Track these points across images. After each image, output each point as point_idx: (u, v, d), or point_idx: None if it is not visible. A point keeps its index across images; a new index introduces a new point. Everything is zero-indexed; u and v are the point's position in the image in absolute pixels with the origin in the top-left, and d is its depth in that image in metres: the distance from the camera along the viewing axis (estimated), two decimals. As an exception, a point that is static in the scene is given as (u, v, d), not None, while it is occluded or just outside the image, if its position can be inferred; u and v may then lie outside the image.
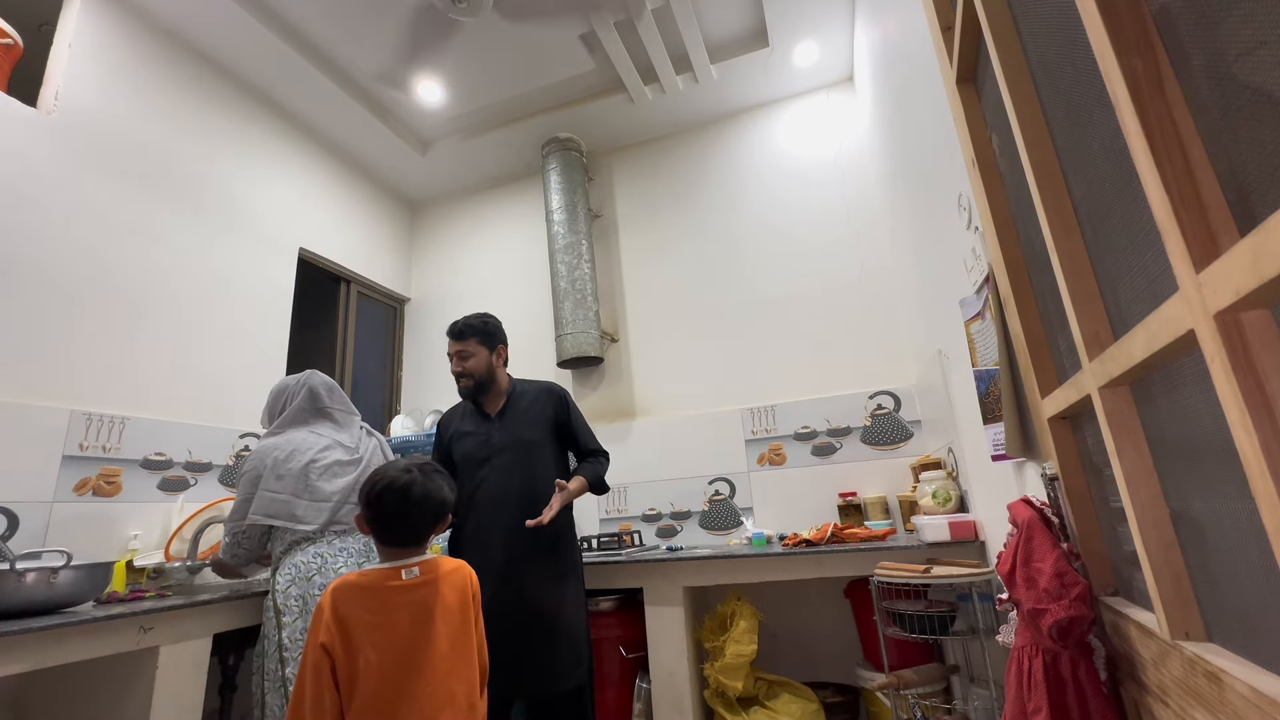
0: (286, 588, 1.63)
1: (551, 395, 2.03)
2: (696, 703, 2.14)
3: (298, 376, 1.95)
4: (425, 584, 1.26)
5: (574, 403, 2.08)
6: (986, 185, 1.20)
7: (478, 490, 1.88)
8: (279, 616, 1.60)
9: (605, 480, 2.00)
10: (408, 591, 1.23)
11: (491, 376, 2.00)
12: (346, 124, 3.22)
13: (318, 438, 1.83)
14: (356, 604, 1.19)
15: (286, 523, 1.69)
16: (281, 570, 1.67)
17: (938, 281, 1.90)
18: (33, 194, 2.01)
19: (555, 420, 1.99)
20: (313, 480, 1.73)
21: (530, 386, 2.06)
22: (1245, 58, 0.50)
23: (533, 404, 2.00)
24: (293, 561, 1.67)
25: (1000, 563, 1.06)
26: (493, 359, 2.00)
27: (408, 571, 1.25)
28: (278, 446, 1.76)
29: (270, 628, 1.61)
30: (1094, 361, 0.82)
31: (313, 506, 1.72)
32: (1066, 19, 0.77)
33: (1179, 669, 0.69)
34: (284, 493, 1.69)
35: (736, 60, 3.02)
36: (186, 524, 2.19)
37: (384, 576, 1.23)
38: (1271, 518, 0.47)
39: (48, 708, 1.71)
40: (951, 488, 2.00)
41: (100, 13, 2.31)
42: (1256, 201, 0.50)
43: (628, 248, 3.46)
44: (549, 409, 2.00)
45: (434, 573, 1.28)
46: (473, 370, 1.98)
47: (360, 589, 1.21)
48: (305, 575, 1.65)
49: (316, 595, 1.62)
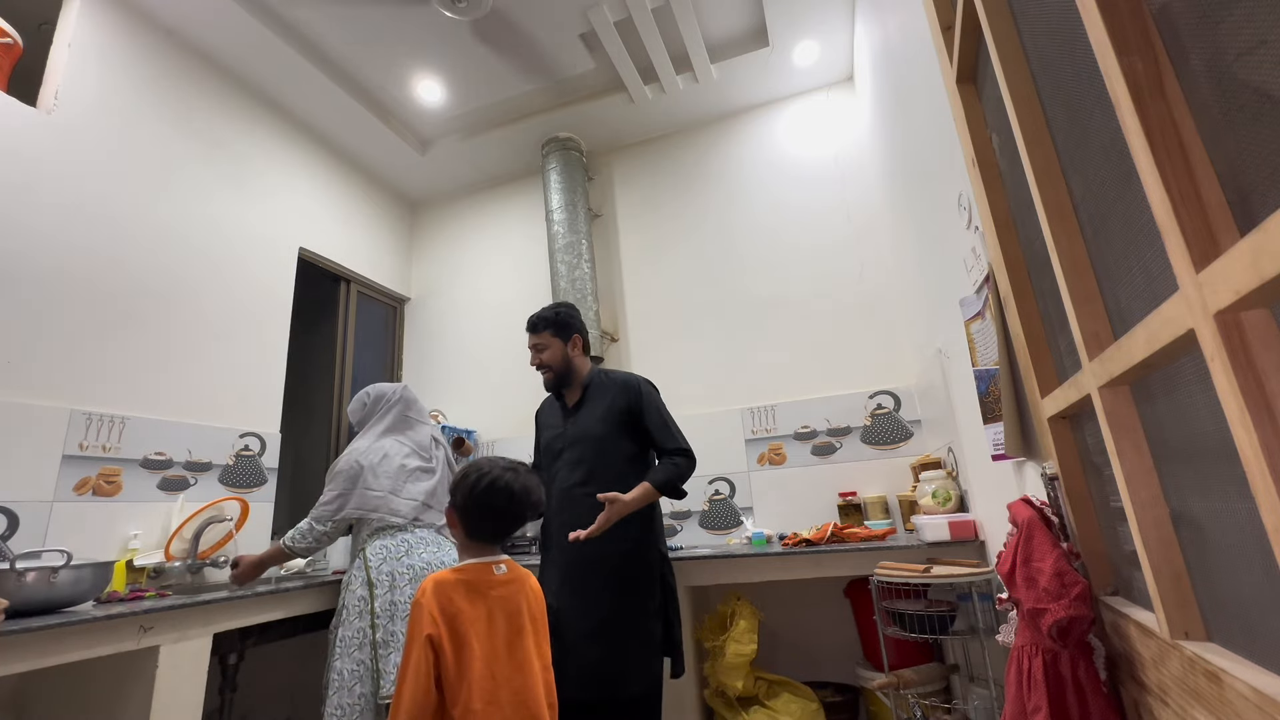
0: (379, 564, 1.89)
1: (626, 387, 1.91)
2: (696, 702, 2.14)
3: (394, 386, 2.23)
4: (514, 581, 1.27)
5: (654, 396, 1.92)
6: (987, 185, 1.20)
7: (552, 483, 1.88)
8: (371, 589, 1.86)
9: (680, 484, 1.81)
10: (501, 586, 1.25)
11: (569, 367, 1.95)
12: (346, 123, 3.22)
13: (401, 445, 2.11)
14: (458, 596, 1.19)
15: (385, 515, 1.97)
16: (371, 550, 1.92)
17: (938, 281, 1.90)
18: (32, 193, 2.01)
19: (627, 413, 1.87)
20: (403, 484, 2.03)
21: (610, 378, 1.96)
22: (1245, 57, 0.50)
23: (606, 396, 1.91)
24: (382, 544, 1.94)
25: (1000, 562, 1.06)
26: (568, 349, 1.95)
27: (497, 567, 1.27)
28: (373, 450, 2.05)
29: (354, 598, 1.86)
30: (1094, 361, 0.82)
31: (405, 503, 2.01)
32: (1066, 18, 0.77)
33: (1179, 668, 0.69)
34: (382, 491, 1.98)
35: (736, 60, 3.02)
36: (187, 524, 2.19)
37: (479, 570, 1.25)
38: (1271, 517, 0.47)
39: (48, 707, 1.71)
40: (951, 487, 2.00)
41: (100, 12, 2.31)
42: (1256, 201, 0.50)
43: (628, 247, 3.46)
44: (621, 401, 1.88)
45: (519, 572, 1.30)
46: (549, 362, 1.95)
47: (460, 583, 1.21)
48: (395, 555, 1.92)
49: (404, 574, 1.90)
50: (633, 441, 1.88)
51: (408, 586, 1.87)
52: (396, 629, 1.82)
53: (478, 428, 3.40)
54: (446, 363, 3.67)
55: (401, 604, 1.85)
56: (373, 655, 1.79)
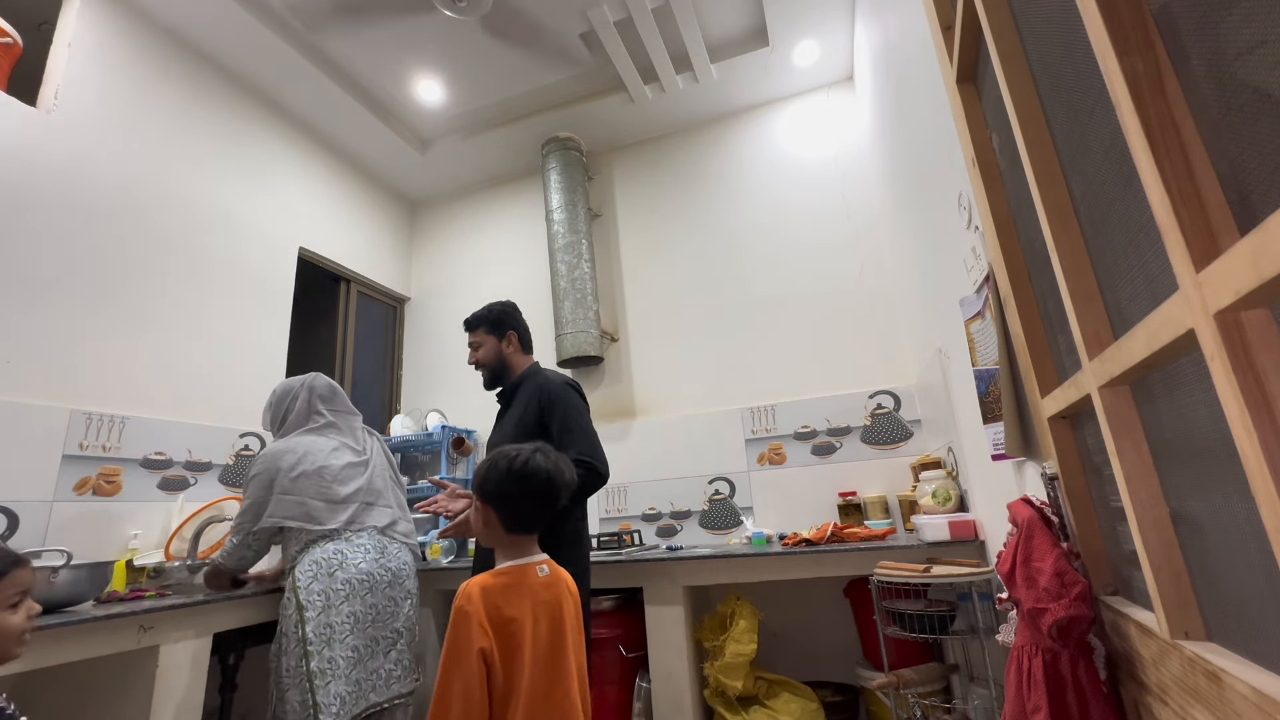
0: (309, 583, 1.65)
1: (542, 389, 1.73)
2: (696, 702, 2.14)
3: (300, 379, 1.98)
4: (557, 583, 1.19)
5: (567, 401, 1.71)
6: (987, 184, 1.20)
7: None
8: (301, 612, 1.61)
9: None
10: (544, 590, 1.17)
11: (503, 365, 1.86)
12: (346, 123, 3.22)
13: (326, 440, 1.87)
14: (506, 602, 1.11)
15: (305, 524, 1.72)
16: (301, 567, 1.69)
17: (938, 281, 1.90)
18: (32, 193, 2.01)
19: (539, 416, 1.69)
20: (328, 484, 1.78)
21: (537, 379, 1.79)
22: (1246, 56, 0.50)
23: (525, 398, 1.76)
24: (312, 559, 1.70)
25: (1000, 562, 1.06)
26: (502, 346, 1.86)
27: (540, 569, 1.19)
28: (288, 451, 1.80)
29: (290, 624, 1.62)
30: (1094, 361, 0.82)
31: (331, 508, 1.76)
32: (1067, 18, 0.77)
33: (1179, 668, 0.69)
34: (300, 496, 1.73)
35: (736, 59, 3.02)
36: (187, 523, 2.19)
37: (522, 573, 1.16)
38: (1271, 517, 0.47)
39: (48, 707, 1.71)
40: (951, 487, 2.00)
41: (100, 12, 2.31)
42: (1256, 201, 0.50)
43: (628, 247, 3.46)
44: (534, 403, 1.72)
45: (559, 573, 1.22)
46: (483, 360, 1.86)
47: (506, 588, 1.13)
48: (327, 571, 1.68)
49: (339, 589, 1.66)
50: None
51: (344, 604, 1.65)
52: (335, 654, 1.60)
53: (478, 428, 3.40)
54: (446, 363, 3.67)
55: (339, 625, 1.63)
56: (308, 687, 1.54)
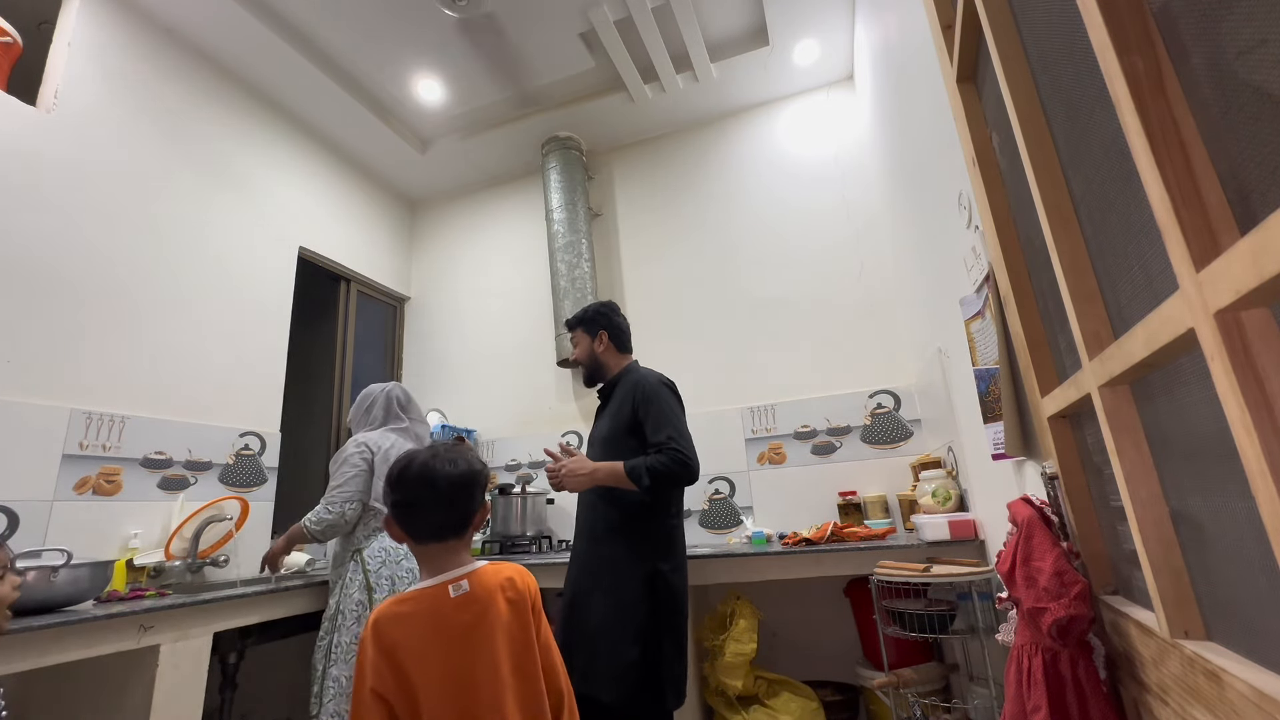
0: (378, 568, 1.85)
1: (636, 385, 1.79)
2: (696, 702, 2.14)
3: (382, 385, 2.21)
4: (476, 600, 1.07)
5: (658, 393, 1.77)
6: (987, 184, 1.20)
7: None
8: (370, 593, 1.79)
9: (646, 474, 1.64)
10: (458, 612, 1.04)
11: (596, 364, 1.95)
12: (346, 122, 3.21)
13: (407, 442, 2.08)
14: (404, 633, 1.01)
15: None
16: (370, 550, 1.87)
17: (938, 280, 1.89)
18: (32, 193, 2.01)
19: (633, 412, 1.76)
20: None
21: (632, 376, 1.85)
22: (1246, 56, 0.50)
23: (620, 396, 1.83)
24: (381, 545, 1.89)
25: (1000, 561, 1.06)
26: (594, 345, 1.94)
27: (455, 587, 1.06)
28: (384, 440, 2.02)
29: (351, 601, 1.79)
30: (1094, 360, 0.82)
31: None
32: (1067, 17, 0.77)
33: (1178, 668, 0.69)
34: None
35: (736, 59, 3.01)
36: (187, 523, 2.19)
37: (430, 597, 1.05)
38: (1271, 516, 0.47)
39: (48, 707, 1.71)
40: (951, 486, 2.00)
41: (100, 11, 2.31)
42: (1257, 200, 0.50)
43: (628, 246, 3.46)
44: (629, 400, 1.78)
45: (485, 586, 1.09)
46: (578, 359, 1.99)
47: (405, 616, 1.03)
48: (395, 559, 1.86)
49: (404, 578, 1.86)
50: (641, 442, 1.74)
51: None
52: None
53: (478, 427, 3.40)
54: (446, 362, 3.67)
55: None
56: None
